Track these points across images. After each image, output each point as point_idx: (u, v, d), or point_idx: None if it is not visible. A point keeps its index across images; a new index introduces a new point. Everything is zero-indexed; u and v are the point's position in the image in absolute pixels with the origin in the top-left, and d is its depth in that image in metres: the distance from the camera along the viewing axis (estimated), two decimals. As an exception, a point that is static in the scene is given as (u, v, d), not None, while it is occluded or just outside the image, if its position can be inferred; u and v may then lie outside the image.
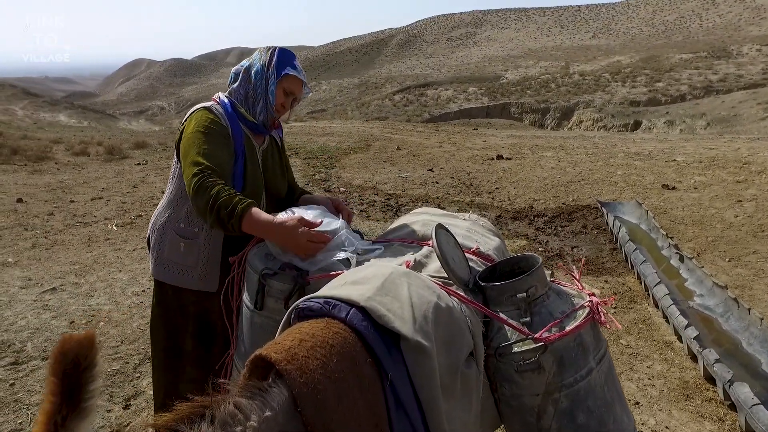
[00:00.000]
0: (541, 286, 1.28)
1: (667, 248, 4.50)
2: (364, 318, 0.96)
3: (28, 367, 2.61)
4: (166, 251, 1.66)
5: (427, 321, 1.02)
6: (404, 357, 0.97)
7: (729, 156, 7.59)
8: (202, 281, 1.64)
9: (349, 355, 0.88)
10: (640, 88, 36.31)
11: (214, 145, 1.53)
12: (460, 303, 1.20)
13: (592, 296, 1.33)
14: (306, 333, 0.88)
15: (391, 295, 1.03)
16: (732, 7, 74.08)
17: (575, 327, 1.21)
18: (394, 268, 1.14)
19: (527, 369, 1.20)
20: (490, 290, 1.29)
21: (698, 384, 2.76)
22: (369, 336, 0.93)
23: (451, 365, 1.06)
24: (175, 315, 1.69)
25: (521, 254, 1.40)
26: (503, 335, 1.25)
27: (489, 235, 1.62)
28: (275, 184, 1.76)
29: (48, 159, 9.93)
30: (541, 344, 1.18)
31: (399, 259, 1.38)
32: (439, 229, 1.30)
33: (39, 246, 4.85)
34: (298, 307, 1.02)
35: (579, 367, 1.22)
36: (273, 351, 0.82)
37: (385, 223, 5.62)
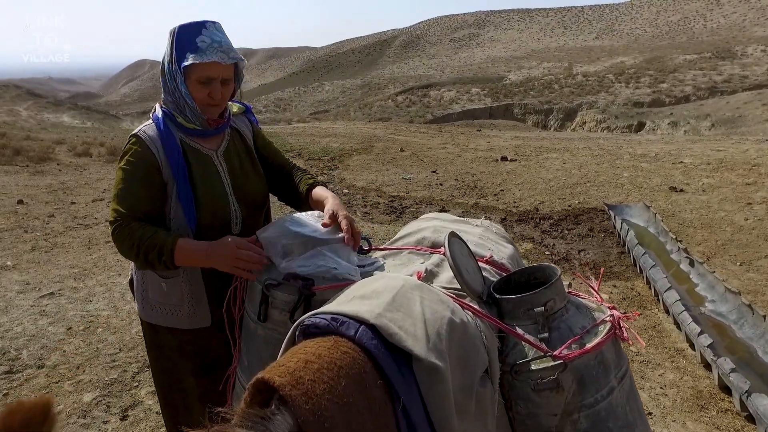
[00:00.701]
0: (559, 299, 1.20)
1: (676, 252, 4.41)
2: (374, 336, 0.88)
3: (23, 376, 2.54)
4: (150, 292, 1.52)
5: (441, 339, 0.94)
6: (416, 377, 0.90)
7: (737, 158, 7.49)
8: (192, 318, 1.50)
9: (358, 377, 0.80)
10: (644, 89, 36.17)
11: (130, 183, 1.38)
12: (474, 317, 1.12)
13: (612, 309, 1.26)
14: (312, 353, 0.80)
15: (403, 310, 0.96)
16: (736, 8, 73.78)
17: (597, 344, 1.13)
18: (406, 281, 1.06)
19: (545, 388, 1.12)
20: (505, 303, 1.21)
21: (713, 394, 2.67)
22: (379, 356, 0.86)
23: (466, 385, 0.98)
24: (174, 356, 1.55)
25: (537, 264, 1.33)
26: (519, 351, 1.17)
27: (502, 242, 1.54)
28: (249, 187, 1.54)
29: (50, 160, 9.89)
30: (560, 362, 1.11)
31: (409, 269, 1.31)
32: (452, 237, 1.22)
33: (38, 249, 4.79)
34: (303, 324, 0.94)
35: (600, 386, 1.14)
36: (276, 374, 0.75)
37: (388, 225, 5.54)
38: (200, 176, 1.44)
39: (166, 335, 1.53)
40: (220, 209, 1.46)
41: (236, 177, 1.51)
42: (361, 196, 6.85)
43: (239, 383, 1.38)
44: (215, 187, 1.46)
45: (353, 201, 6.61)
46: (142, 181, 1.39)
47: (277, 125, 20.20)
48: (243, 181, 1.52)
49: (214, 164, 1.48)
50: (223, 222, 1.48)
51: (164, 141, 1.41)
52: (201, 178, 1.44)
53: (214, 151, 1.49)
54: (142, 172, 1.39)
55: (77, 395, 2.46)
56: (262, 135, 1.67)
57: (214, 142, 1.50)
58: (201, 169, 1.45)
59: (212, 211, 1.45)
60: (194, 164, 1.44)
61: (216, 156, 1.49)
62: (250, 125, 1.63)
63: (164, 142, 1.41)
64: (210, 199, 1.44)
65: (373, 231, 5.17)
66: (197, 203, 1.43)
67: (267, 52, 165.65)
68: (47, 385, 2.52)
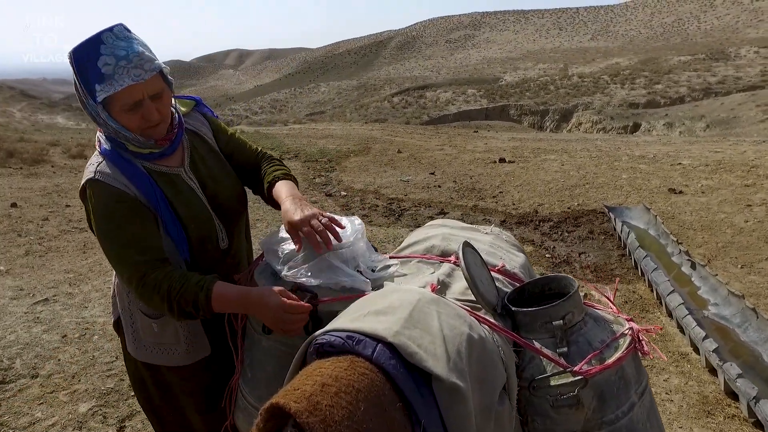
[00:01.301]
0: (578, 312, 1.16)
1: (677, 254, 4.38)
2: (393, 355, 0.84)
3: (16, 387, 2.47)
4: (142, 333, 1.37)
5: (461, 357, 0.90)
6: (436, 399, 0.85)
7: (735, 159, 7.50)
8: (190, 355, 1.37)
9: (377, 401, 0.76)
10: (639, 90, 36.33)
11: (122, 230, 1.19)
12: (491, 331, 1.08)
13: (630, 322, 1.22)
14: (328, 375, 0.76)
15: (421, 327, 0.91)
16: (729, 10, 74.32)
17: (617, 359, 1.09)
18: (422, 294, 1.02)
19: (564, 404, 1.08)
20: (522, 316, 1.17)
21: (719, 399, 2.64)
22: (398, 377, 0.81)
23: (486, 404, 0.94)
24: (178, 395, 1.43)
25: (552, 274, 1.28)
26: (536, 366, 1.13)
27: (513, 250, 1.50)
28: (224, 194, 1.38)
29: (44, 162, 9.78)
30: (580, 378, 1.06)
31: (420, 279, 1.26)
32: (465, 247, 1.18)
33: (32, 253, 4.71)
34: (317, 342, 0.89)
35: (621, 403, 1.10)
36: (292, 399, 0.70)
37: (387, 228, 5.50)
38: (176, 200, 1.28)
39: (167, 372, 1.40)
40: (205, 229, 1.32)
41: (208, 188, 1.35)
42: (359, 198, 6.80)
43: (241, 396, 1.33)
44: (194, 207, 1.31)
45: (351, 203, 6.56)
46: (133, 219, 1.20)
47: (273, 126, 20.13)
48: (216, 190, 1.36)
49: (185, 182, 1.31)
50: (211, 241, 1.35)
51: (127, 173, 1.22)
52: (178, 202, 1.28)
53: (181, 168, 1.32)
54: (125, 211, 1.20)
55: (72, 405, 2.39)
56: (221, 128, 1.46)
57: (177, 157, 1.33)
58: (174, 191, 1.28)
59: (198, 235, 1.31)
60: (166, 189, 1.27)
61: (184, 172, 1.32)
62: (206, 121, 1.43)
63: (129, 176, 1.22)
64: (194, 222, 1.30)
65: (372, 234, 5.12)
66: (182, 222, 1.28)
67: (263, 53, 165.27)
68: (41, 396, 2.45)
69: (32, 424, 2.23)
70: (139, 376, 1.45)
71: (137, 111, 1.18)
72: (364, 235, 1.35)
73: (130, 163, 1.24)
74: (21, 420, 2.26)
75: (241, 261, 1.48)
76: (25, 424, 2.23)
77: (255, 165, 1.48)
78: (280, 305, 1.12)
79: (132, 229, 1.20)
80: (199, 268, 1.33)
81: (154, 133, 1.23)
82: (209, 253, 1.35)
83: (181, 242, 1.28)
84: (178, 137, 1.31)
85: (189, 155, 1.35)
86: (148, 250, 1.20)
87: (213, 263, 1.37)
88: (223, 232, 1.38)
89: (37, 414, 2.31)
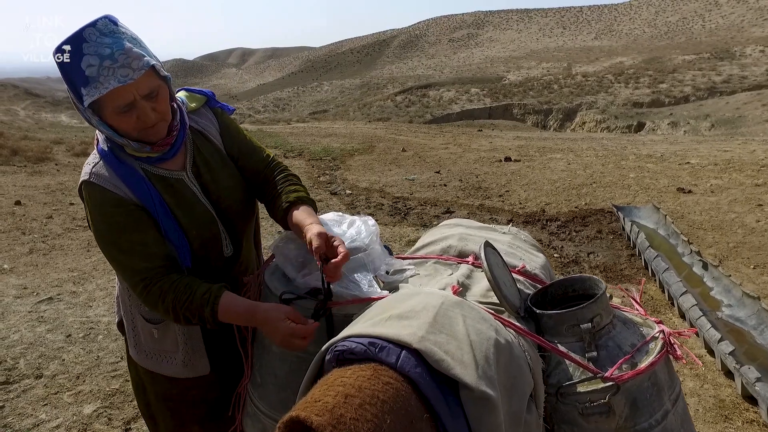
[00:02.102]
0: (606, 314, 1.11)
1: (688, 255, 4.32)
2: (418, 363, 0.78)
3: (20, 387, 2.43)
4: (142, 337, 1.32)
5: (490, 364, 0.85)
6: (464, 408, 0.80)
7: (745, 158, 7.42)
8: (187, 368, 1.30)
9: (403, 412, 0.71)
10: (644, 89, 36.13)
11: (123, 234, 1.13)
12: (517, 336, 1.02)
13: (660, 324, 1.16)
14: (351, 386, 0.70)
15: (446, 332, 0.86)
16: (735, 9, 73.91)
17: (650, 363, 1.03)
18: (445, 297, 0.96)
19: (595, 412, 1.03)
20: (547, 319, 1.12)
21: (736, 403, 2.58)
22: (425, 386, 0.76)
23: (515, 414, 0.89)
24: (178, 404, 1.36)
25: (576, 275, 1.23)
26: (563, 371, 1.08)
27: (532, 251, 1.45)
28: (230, 199, 1.28)
29: (48, 160, 9.76)
30: (611, 384, 1.01)
31: (438, 281, 1.20)
32: (487, 247, 1.13)
33: (36, 251, 4.68)
34: (336, 349, 0.84)
35: (654, 410, 1.05)
36: (314, 412, 0.65)
37: (393, 227, 5.44)
38: (177, 206, 1.19)
39: (164, 382, 1.34)
40: (208, 237, 1.24)
41: (212, 192, 1.25)
42: (365, 197, 6.75)
43: (250, 401, 1.28)
44: (196, 213, 1.22)
45: (356, 202, 6.51)
46: (134, 226, 1.13)
47: (277, 125, 20.07)
48: (220, 194, 1.26)
49: (188, 186, 1.22)
50: (214, 249, 1.28)
51: (124, 176, 1.14)
52: (179, 208, 1.20)
53: (183, 172, 1.23)
54: (123, 217, 1.13)
55: (77, 407, 2.35)
56: (230, 128, 1.34)
57: (179, 159, 1.23)
58: (175, 197, 1.20)
59: (201, 242, 1.23)
60: (166, 194, 1.19)
61: (187, 176, 1.23)
62: (215, 118, 1.32)
63: (125, 178, 1.14)
64: (196, 229, 1.21)
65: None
66: (182, 227, 1.20)
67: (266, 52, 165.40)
68: (46, 397, 2.41)
69: (36, 426, 2.20)
70: (139, 380, 1.41)
71: (131, 113, 1.08)
72: (378, 237, 1.29)
73: (128, 166, 1.15)
74: (25, 421, 2.22)
75: (250, 268, 1.41)
76: (29, 425, 2.19)
77: (265, 177, 1.35)
78: (287, 331, 1.06)
79: (132, 236, 1.13)
80: (201, 277, 1.26)
81: (152, 134, 1.14)
82: (212, 261, 1.29)
83: (183, 250, 1.20)
84: (179, 140, 1.20)
85: (192, 158, 1.25)
86: (152, 257, 1.13)
87: (216, 272, 1.31)
88: (227, 239, 1.30)
89: (41, 415, 2.27)
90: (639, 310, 1.25)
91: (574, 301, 1.21)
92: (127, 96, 1.05)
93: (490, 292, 1.16)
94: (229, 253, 1.32)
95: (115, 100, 1.05)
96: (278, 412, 1.18)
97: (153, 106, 1.10)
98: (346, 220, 1.31)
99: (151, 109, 1.10)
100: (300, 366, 1.10)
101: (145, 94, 1.08)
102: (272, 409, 1.20)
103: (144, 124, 1.10)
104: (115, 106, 1.06)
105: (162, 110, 1.13)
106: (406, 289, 1.12)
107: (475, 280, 1.24)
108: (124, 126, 1.10)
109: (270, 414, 1.20)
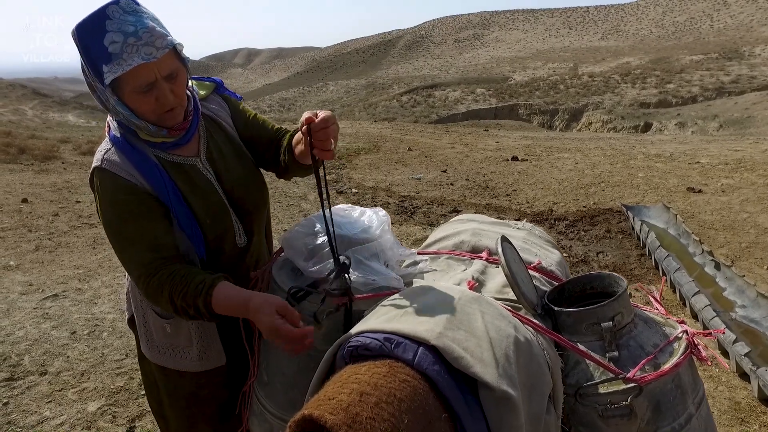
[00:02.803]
0: (627, 312, 1.06)
1: (699, 255, 4.25)
2: (436, 360, 0.74)
3: (24, 384, 2.41)
4: (154, 333, 1.29)
5: (510, 362, 0.80)
6: (483, 408, 0.76)
7: (756, 158, 7.32)
8: (202, 360, 1.28)
9: (421, 411, 0.67)
10: (650, 89, 35.89)
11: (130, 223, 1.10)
12: (535, 333, 0.98)
13: (682, 324, 1.12)
14: (366, 383, 0.67)
15: (464, 328, 0.82)
16: (744, 8, 73.30)
17: (674, 365, 0.99)
18: (462, 292, 0.92)
19: (615, 414, 0.98)
20: (565, 317, 1.07)
21: (752, 406, 2.52)
22: (443, 384, 0.72)
23: (534, 415, 0.85)
24: (190, 403, 1.33)
25: (595, 272, 1.19)
26: (583, 371, 1.04)
27: (548, 247, 1.40)
28: (241, 191, 1.26)
29: (55, 158, 9.80)
30: (633, 385, 0.97)
31: (453, 276, 1.17)
32: (504, 242, 1.08)
33: (42, 248, 4.68)
34: (350, 345, 0.80)
35: (677, 414, 1.00)
36: (327, 411, 0.61)
37: (400, 226, 5.41)
38: (191, 193, 1.17)
39: (178, 379, 1.31)
40: (221, 226, 1.22)
41: (225, 181, 1.24)
42: (371, 195, 6.72)
43: (256, 401, 1.24)
44: (211, 201, 1.20)
45: (363, 201, 6.48)
46: (143, 214, 1.10)
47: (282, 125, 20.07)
48: (233, 183, 1.25)
49: (201, 173, 1.20)
50: (228, 238, 1.25)
51: (136, 163, 1.12)
52: (193, 195, 1.17)
53: (197, 158, 1.21)
54: (133, 205, 1.10)
55: (81, 404, 2.33)
56: (241, 110, 1.33)
57: (193, 146, 1.21)
58: (189, 184, 1.18)
59: (215, 231, 1.21)
60: (179, 181, 1.17)
61: (200, 162, 1.21)
62: (225, 104, 1.32)
63: (137, 165, 1.12)
64: (210, 218, 1.19)
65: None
66: (196, 215, 1.17)
67: (271, 52, 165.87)
68: (50, 394, 2.39)
69: (40, 423, 2.17)
70: (152, 378, 1.37)
71: (150, 93, 1.06)
72: (390, 227, 1.25)
73: (141, 153, 1.14)
74: (29, 418, 2.20)
75: (261, 260, 1.38)
76: (33, 422, 2.17)
77: (277, 142, 1.34)
78: (271, 326, 0.99)
79: (141, 224, 1.10)
80: (215, 268, 1.24)
81: (169, 118, 1.12)
82: (226, 252, 1.26)
83: (197, 239, 1.17)
84: (193, 125, 1.19)
85: (206, 144, 1.23)
86: (159, 248, 1.10)
87: (230, 262, 1.28)
88: (240, 229, 1.27)
89: (45, 412, 2.25)
90: (659, 309, 1.20)
91: (592, 299, 1.16)
92: (149, 75, 1.04)
93: (505, 288, 1.12)
94: (243, 243, 1.29)
95: (137, 78, 1.03)
96: (286, 411, 1.15)
97: (171, 87, 1.09)
98: (356, 211, 1.28)
99: (170, 91, 1.08)
100: (309, 365, 1.06)
101: (165, 74, 1.06)
102: (280, 409, 1.17)
103: (162, 107, 1.09)
104: (136, 84, 1.04)
105: (180, 94, 1.11)
106: (422, 283, 1.08)
107: (489, 275, 1.20)
108: (142, 107, 1.08)
109: (277, 414, 1.17)
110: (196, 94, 1.25)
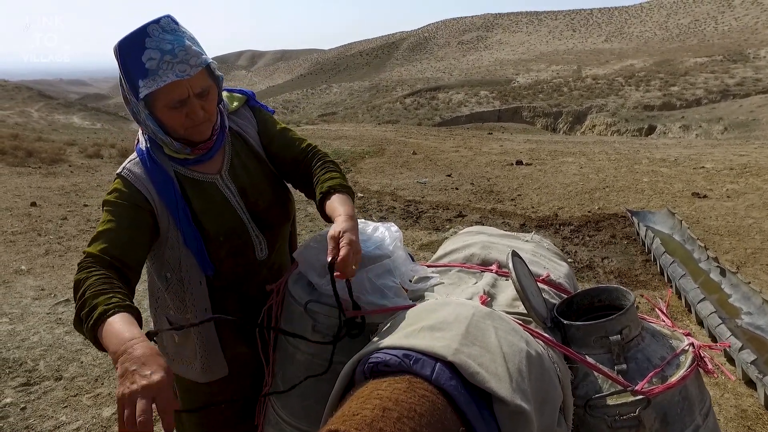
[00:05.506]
0: (635, 326, 1.10)
1: (704, 261, 4.26)
2: (453, 376, 0.78)
3: (41, 389, 2.46)
4: (165, 341, 1.33)
5: (523, 377, 0.84)
6: (498, 422, 0.79)
7: (762, 163, 7.32)
8: (206, 373, 1.30)
9: (440, 426, 0.70)
10: (655, 92, 35.81)
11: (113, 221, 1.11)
12: (546, 347, 1.02)
13: (689, 336, 1.15)
14: (387, 399, 0.70)
15: (479, 344, 0.85)
16: (748, 10, 73.06)
17: (682, 377, 1.02)
18: (476, 308, 0.96)
19: (624, 426, 1.02)
20: (574, 330, 1.11)
21: (759, 414, 2.54)
22: (460, 399, 0.76)
23: (546, 427, 0.88)
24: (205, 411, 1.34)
25: (602, 285, 1.22)
26: (591, 384, 1.07)
27: (556, 259, 1.44)
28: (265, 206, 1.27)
29: (62, 161, 9.89)
30: (641, 397, 1.00)
31: (464, 290, 1.20)
32: (515, 257, 1.12)
33: (52, 252, 4.74)
34: (370, 361, 0.84)
35: (684, 425, 1.03)
36: (353, 426, 0.65)
37: (405, 231, 5.44)
38: (205, 211, 1.20)
39: (193, 386, 1.35)
40: (237, 241, 1.23)
41: (249, 196, 1.25)
42: (376, 200, 6.76)
43: (272, 410, 1.28)
44: (225, 218, 1.22)
45: (368, 205, 6.52)
46: (129, 221, 1.12)
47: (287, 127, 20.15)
48: (257, 198, 1.26)
49: (220, 190, 1.22)
50: (245, 253, 1.26)
51: (154, 178, 1.16)
52: (206, 214, 1.19)
53: (218, 174, 1.23)
54: (129, 211, 1.14)
55: (96, 410, 2.38)
56: (268, 125, 1.33)
57: (216, 162, 1.23)
58: (204, 201, 1.20)
59: (229, 249, 1.22)
60: (195, 198, 1.19)
61: (221, 179, 1.23)
62: (253, 118, 1.32)
63: (154, 179, 1.16)
64: (224, 235, 1.21)
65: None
66: (209, 243, 1.19)
67: (275, 54, 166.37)
68: (65, 399, 2.44)
69: (57, 428, 2.22)
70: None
71: (182, 109, 1.11)
72: (402, 243, 1.29)
73: (161, 169, 1.18)
74: (46, 423, 2.25)
75: (283, 269, 1.41)
76: (50, 427, 2.22)
77: (305, 166, 1.32)
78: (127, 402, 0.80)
79: (120, 227, 1.11)
80: (231, 280, 1.27)
81: (197, 133, 1.16)
82: (241, 266, 1.28)
83: (202, 257, 1.19)
84: (218, 143, 1.22)
85: (229, 160, 1.26)
86: (111, 253, 1.06)
87: (246, 275, 1.31)
88: (263, 243, 1.29)
89: (61, 417, 2.29)
90: (666, 321, 1.23)
91: (600, 312, 1.20)
92: (182, 91, 1.09)
93: (516, 302, 1.16)
94: (263, 256, 1.31)
95: (170, 94, 1.08)
96: (301, 420, 1.18)
97: (203, 104, 1.13)
98: (369, 226, 1.31)
99: (201, 107, 1.13)
100: (325, 375, 1.10)
101: (197, 92, 1.11)
102: (295, 418, 1.20)
103: (192, 122, 1.13)
104: (168, 99, 1.09)
105: (210, 110, 1.16)
106: (435, 299, 1.12)
107: (500, 288, 1.23)
108: (172, 122, 1.13)
109: (293, 423, 1.20)
110: (227, 108, 1.28)
